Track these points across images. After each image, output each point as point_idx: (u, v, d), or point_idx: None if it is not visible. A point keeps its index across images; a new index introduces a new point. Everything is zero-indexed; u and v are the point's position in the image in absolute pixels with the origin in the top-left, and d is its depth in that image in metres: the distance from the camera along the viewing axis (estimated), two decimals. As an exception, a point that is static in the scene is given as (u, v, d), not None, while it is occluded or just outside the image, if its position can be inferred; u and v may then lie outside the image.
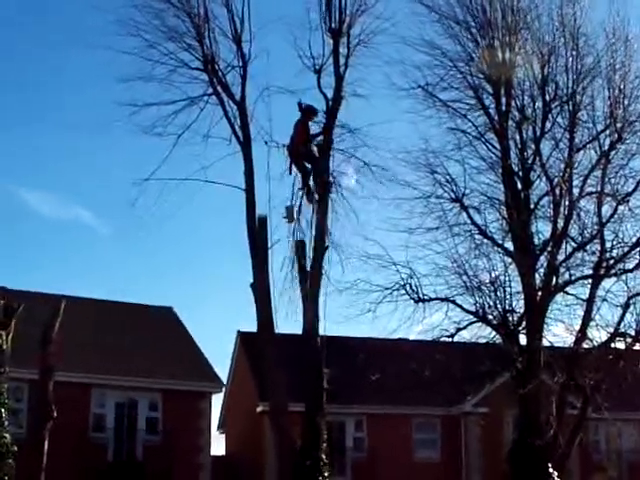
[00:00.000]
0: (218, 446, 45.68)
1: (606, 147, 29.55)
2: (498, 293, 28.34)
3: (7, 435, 22.71)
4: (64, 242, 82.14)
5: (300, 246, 26.70)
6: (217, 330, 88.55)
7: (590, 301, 29.30)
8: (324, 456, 25.46)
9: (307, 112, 25.66)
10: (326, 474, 25.35)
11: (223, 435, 47.31)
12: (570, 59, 29.19)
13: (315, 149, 26.09)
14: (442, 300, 28.84)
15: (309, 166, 26.00)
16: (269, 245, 26.19)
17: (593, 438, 41.86)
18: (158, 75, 26.01)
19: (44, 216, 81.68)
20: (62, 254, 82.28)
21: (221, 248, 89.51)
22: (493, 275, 28.72)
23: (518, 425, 29.55)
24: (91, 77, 64.77)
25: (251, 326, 27.68)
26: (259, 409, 37.32)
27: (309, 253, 26.45)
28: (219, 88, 26.40)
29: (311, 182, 26.03)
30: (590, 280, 29.54)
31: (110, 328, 37.64)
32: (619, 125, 29.36)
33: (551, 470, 27.69)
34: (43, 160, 75.73)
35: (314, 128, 26.25)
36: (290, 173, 25.75)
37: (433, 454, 40.68)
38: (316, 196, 26.05)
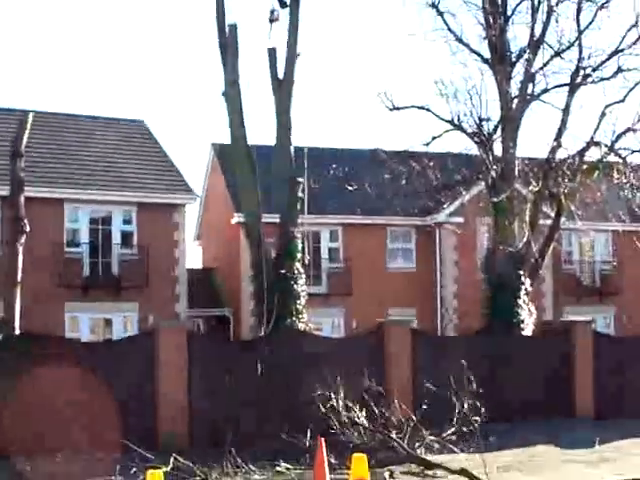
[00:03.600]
0: (195, 258, 46.06)
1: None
2: (474, 101, 28.09)
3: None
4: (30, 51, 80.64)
5: (272, 54, 26.24)
6: (191, 143, 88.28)
7: (566, 110, 29.12)
8: (299, 265, 25.65)
9: None
10: (301, 283, 25.60)
11: (200, 247, 47.59)
12: None
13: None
14: (418, 108, 28.59)
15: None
16: (239, 53, 25.77)
17: (566, 248, 42.29)
18: None
19: None
20: (28, 68, 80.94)
21: (192, 58, 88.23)
22: (469, 83, 28.38)
23: (492, 234, 29.73)
24: None
25: (225, 138, 27.52)
26: (234, 220, 37.30)
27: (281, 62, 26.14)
28: None
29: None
30: (567, 88, 29.27)
31: (81, 142, 37.11)
32: None
33: (523, 278, 28.05)
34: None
35: None
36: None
37: (408, 263, 41.04)
38: (288, 1, 25.42)
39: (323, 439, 14.21)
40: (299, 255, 25.84)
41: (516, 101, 28.72)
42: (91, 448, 17.64)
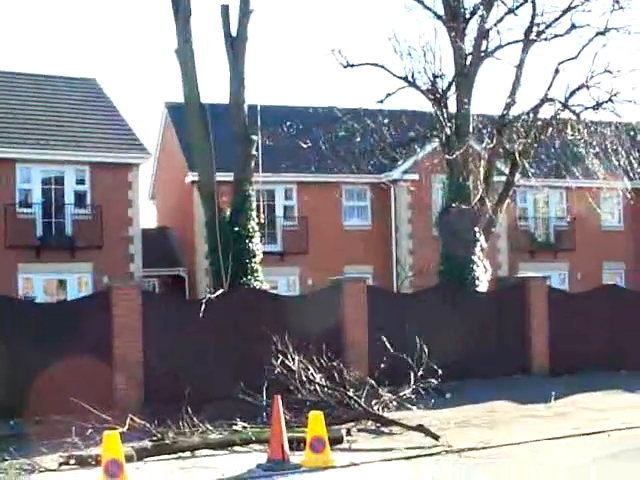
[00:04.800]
0: (149, 217, 45.78)
1: None
2: (428, 58, 27.99)
3: None
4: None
5: (225, 11, 26.00)
6: (144, 102, 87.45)
7: (520, 66, 29.12)
8: (253, 223, 25.58)
9: None
10: (256, 241, 25.55)
11: (155, 206, 47.27)
12: None
13: None
14: (372, 65, 28.45)
15: None
16: (192, 10, 25.53)
17: (521, 205, 42.45)
18: None
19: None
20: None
21: (145, 15, 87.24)
22: (423, 40, 28.27)
23: (447, 191, 29.76)
24: None
25: (179, 96, 27.29)
26: (188, 179, 37.09)
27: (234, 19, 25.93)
28: None
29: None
30: (521, 45, 29.26)
31: (32, 101, 36.54)
32: None
33: (478, 234, 28.14)
34: None
35: None
36: None
37: (364, 221, 41.04)
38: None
39: (280, 397, 14.19)
40: (253, 213, 25.79)
41: (470, 58, 28.68)
42: (47, 410, 17.48)
